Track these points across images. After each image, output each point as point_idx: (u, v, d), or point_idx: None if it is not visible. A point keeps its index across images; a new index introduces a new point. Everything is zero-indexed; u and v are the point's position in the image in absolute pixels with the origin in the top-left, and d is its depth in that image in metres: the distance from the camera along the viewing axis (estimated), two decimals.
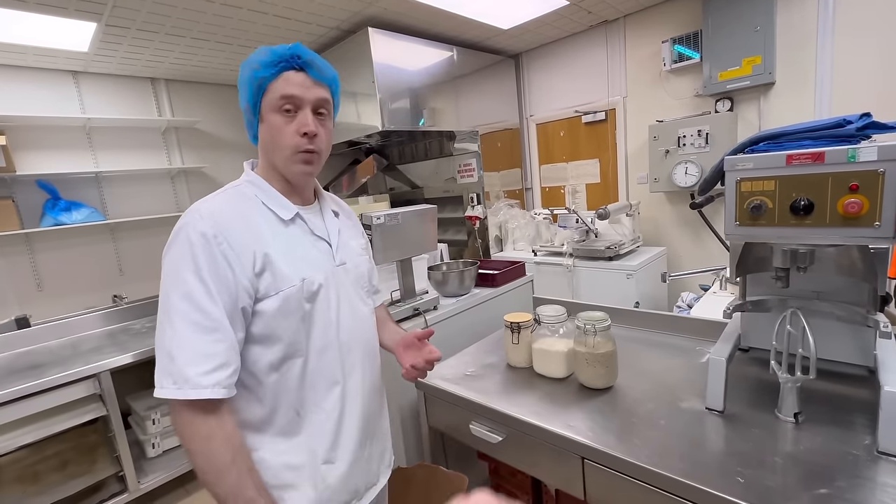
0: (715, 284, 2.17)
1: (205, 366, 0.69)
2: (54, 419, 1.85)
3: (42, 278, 2.92)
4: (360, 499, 0.89)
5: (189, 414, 0.70)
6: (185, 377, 0.68)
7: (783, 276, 0.94)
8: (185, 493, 2.23)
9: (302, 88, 0.78)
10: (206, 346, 0.70)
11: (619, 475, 0.89)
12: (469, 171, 3.41)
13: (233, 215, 0.76)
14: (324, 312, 0.82)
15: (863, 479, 0.76)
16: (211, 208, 0.75)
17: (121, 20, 2.28)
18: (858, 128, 0.81)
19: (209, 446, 0.70)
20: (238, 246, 0.74)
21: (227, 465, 0.70)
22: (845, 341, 1.05)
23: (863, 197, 0.77)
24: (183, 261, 0.71)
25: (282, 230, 0.81)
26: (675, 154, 2.76)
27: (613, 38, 3.17)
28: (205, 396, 0.69)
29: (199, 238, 0.71)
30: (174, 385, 0.68)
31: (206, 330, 0.70)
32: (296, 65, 0.78)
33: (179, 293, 0.70)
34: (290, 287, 0.77)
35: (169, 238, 0.74)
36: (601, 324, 1.12)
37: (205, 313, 0.70)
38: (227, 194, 0.81)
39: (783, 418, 0.93)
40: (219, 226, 0.73)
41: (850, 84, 2.35)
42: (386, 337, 1.05)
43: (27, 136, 2.82)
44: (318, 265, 0.83)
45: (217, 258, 0.72)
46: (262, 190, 0.83)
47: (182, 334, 0.69)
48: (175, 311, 0.70)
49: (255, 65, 0.78)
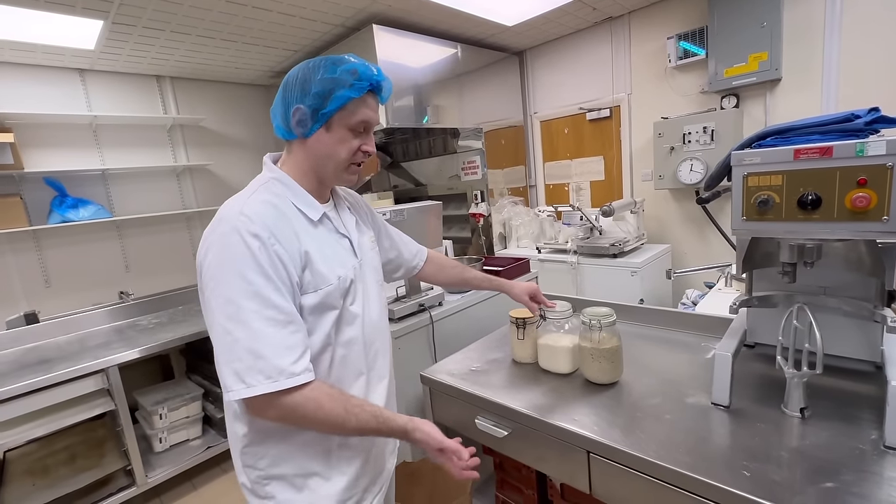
0: (720, 281, 2.16)
1: (292, 355, 0.73)
2: (63, 413, 1.87)
3: (50, 275, 2.94)
4: (375, 483, 0.94)
5: (289, 400, 0.73)
6: (280, 369, 0.71)
7: (790, 271, 0.94)
8: (191, 488, 2.25)
9: (376, 114, 0.85)
10: (287, 339, 0.73)
11: (624, 469, 0.89)
12: (473, 169, 3.41)
13: (276, 216, 0.78)
14: (350, 307, 0.86)
15: (869, 473, 0.76)
16: (255, 210, 0.76)
17: (127, 18, 2.30)
18: (867, 122, 0.81)
19: (323, 414, 0.75)
20: (287, 245, 0.77)
21: (342, 415, 0.76)
22: (852, 337, 1.05)
23: (871, 191, 0.77)
24: (243, 262, 0.72)
25: (312, 230, 0.83)
26: (680, 151, 2.75)
27: (618, 35, 3.16)
28: (302, 381, 0.73)
29: (254, 240, 0.73)
30: (269, 379, 0.71)
31: (282, 324, 0.73)
32: (376, 89, 0.84)
33: (247, 294, 0.72)
34: (329, 286, 0.81)
35: (208, 244, 0.75)
36: (606, 319, 1.12)
37: (278, 308, 0.73)
38: (261, 194, 0.81)
39: (789, 413, 0.93)
40: (268, 228, 0.75)
41: (857, 80, 2.34)
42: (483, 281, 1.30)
43: (35, 133, 2.84)
44: (346, 263, 0.87)
45: (274, 258, 0.74)
46: (290, 189, 0.84)
47: (262, 332, 0.72)
48: (248, 311, 0.71)
49: (345, 83, 0.79)
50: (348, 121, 0.81)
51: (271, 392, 0.71)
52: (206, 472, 2.33)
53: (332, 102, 0.79)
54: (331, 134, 0.82)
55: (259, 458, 0.82)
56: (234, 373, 0.71)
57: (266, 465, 0.81)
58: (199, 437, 2.36)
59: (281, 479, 0.81)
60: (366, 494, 0.90)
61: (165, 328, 2.37)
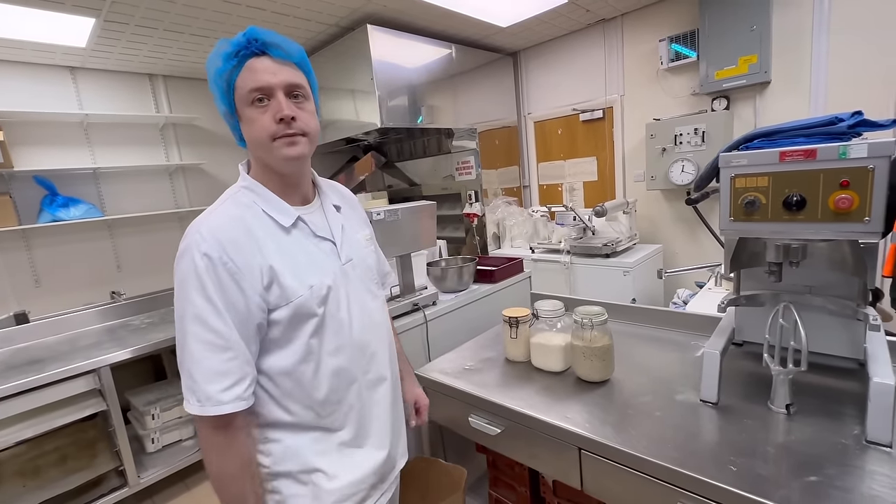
0: (710, 281, 2.19)
1: (222, 383, 0.72)
2: (54, 414, 1.85)
3: (40, 274, 2.91)
4: (383, 482, 0.92)
5: (208, 428, 0.74)
6: (207, 395, 0.72)
7: (776, 270, 0.96)
8: (184, 488, 2.24)
9: (268, 74, 0.75)
10: (220, 365, 0.72)
11: (614, 465, 0.91)
12: (467, 169, 3.42)
13: (234, 231, 0.75)
14: (335, 314, 0.83)
15: (851, 467, 0.78)
16: (211, 227, 0.75)
17: (119, 16, 2.28)
18: (850, 125, 0.83)
19: (221, 458, 0.76)
20: (243, 263, 0.74)
21: (233, 475, 0.76)
22: (836, 335, 1.07)
23: (853, 193, 0.79)
24: (189, 282, 0.73)
25: (283, 238, 0.80)
26: (671, 152, 2.78)
27: (611, 37, 3.18)
28: (226, 412, 0.72)
29: (202, 260, 0.72)
30: (198, 403, 0.72)
31: (219, 349, 0.72)
32: (256, 49, 0.75)
33: (190, 315, 0.72)
34: (299, 297, 0.78)
35: (177, 254, 0.76)
36: (598, 318, 1.13)
37: (216, 333, 0.72)
38: (226, 207, 0.79)
39: (775, 410, 0.95)
40: (222, 246, 0.73)
41: (844, 83, 2.38)
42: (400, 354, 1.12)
43: (24, 131, 2.80)
44: (324, 268, 0.83)
45: (223, 278, 0.73)
46: (260, 195, 0.81)
47: (197, 355, 0.72)
48: (188, 333, 0.73)
49: (216, 60, 0.75)
50: (244, 99, 0.76)
51: (199, 415, 0.73)
52: (199, 472, 2.32)
53: (225, 90, 0.77)
54: (244, 121, 0.78)
55: (264, 456, 0.82)
56: (183, 386, 0.75)
57: (271, 462, 0.81)
58: (191, 437, 2.35)
59: (287, 476, 0.81)
60: (372, 492, 0.89)
61: (157, 328, 2.35)
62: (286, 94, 0.77)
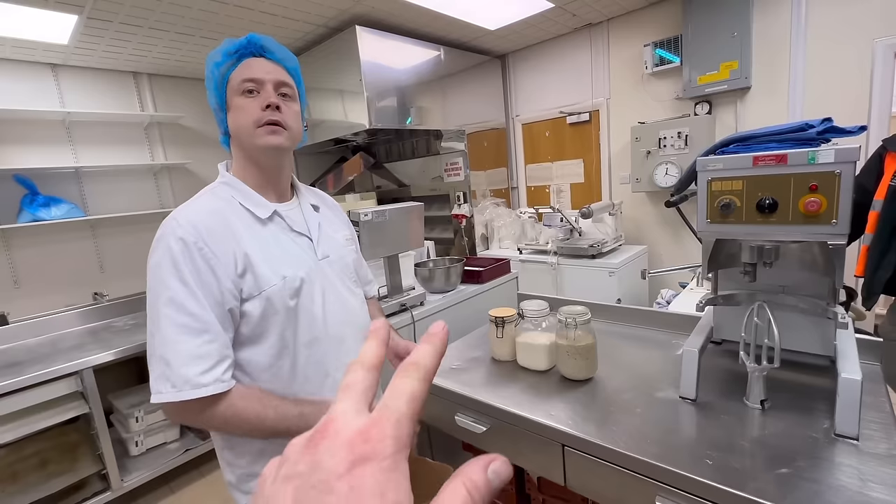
0: (693, 281, 2.24)
1: (201, 366, 0.70)
2: (35, 417, 1.82)
3: (19, 275, 2.85)
4: None
5: (199, 408, 0.71)
6: (185, 379, 0.69)
7: (751, 270, 0.99)
8: (169, 492, 2.21)
9: (262, 71, 0.82)
10: (198, 348, 0.71)
11: (596, 460, 0.93)
12: (456, 170, 3.44)
13: (211, 220, 0.76)
14: (308, 308, 0.83)
15: (821, 459, 0.81)
16: (188, 215, 0.75)
17: (103, 13, 2.25)
18: (819, 132, 0.87)
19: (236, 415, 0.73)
20: (218, 249, 0.74)
21: (259, 412, 0.74)
22: (808, 333, 1.11)
23: (821, 196, 0.83)
24: (165, 267, 0.72)
25: (260, 229, 0.81)
26: (656, 155, 2.83)
27: (597, 41, 3.23)
28: (208, 394, 0.70)
29: (178, 244, 0.72)
30: (174, 388, 0.69)
31: (196, 332, 0.71)
32: (254, 50, 0.83)
33: (164, 299, 0.71)
34: (272, 287, 0.78)
35: (152, 244, 0.75)
36: (581, 317, 1.16)
37: (192, 316, 0.71)
38: (204, 199, 0.81)
39: (751, 405, 0.99)
40: (198, 231, 0.73)
41: (821, 89, 2.46)
42: None
43: (4, 129, 2.74)
44: (298, 262, 0.84)
45: (198, 262, 0.72)
46: (238, 189, 0.83)
47: (173, 338, 0.70)
48: (162, 316, 0.70)
49: (217, 55, 0.82)
50: (236, 89, 0.81)
51: (173, 401, 0.69)
52: (184, 475, 2.30)
53: (219, 84, 0.82)
54: (231, 111, 0.83)
55: (239, 457, 0.82)
56: (154, 376, 0.71)
57: (246, 462, 0.82)
58: (176, 440, 2.33)
59: None
60: None
61: (141, 330, 2.31)
62: (275, 89, 0.83)
